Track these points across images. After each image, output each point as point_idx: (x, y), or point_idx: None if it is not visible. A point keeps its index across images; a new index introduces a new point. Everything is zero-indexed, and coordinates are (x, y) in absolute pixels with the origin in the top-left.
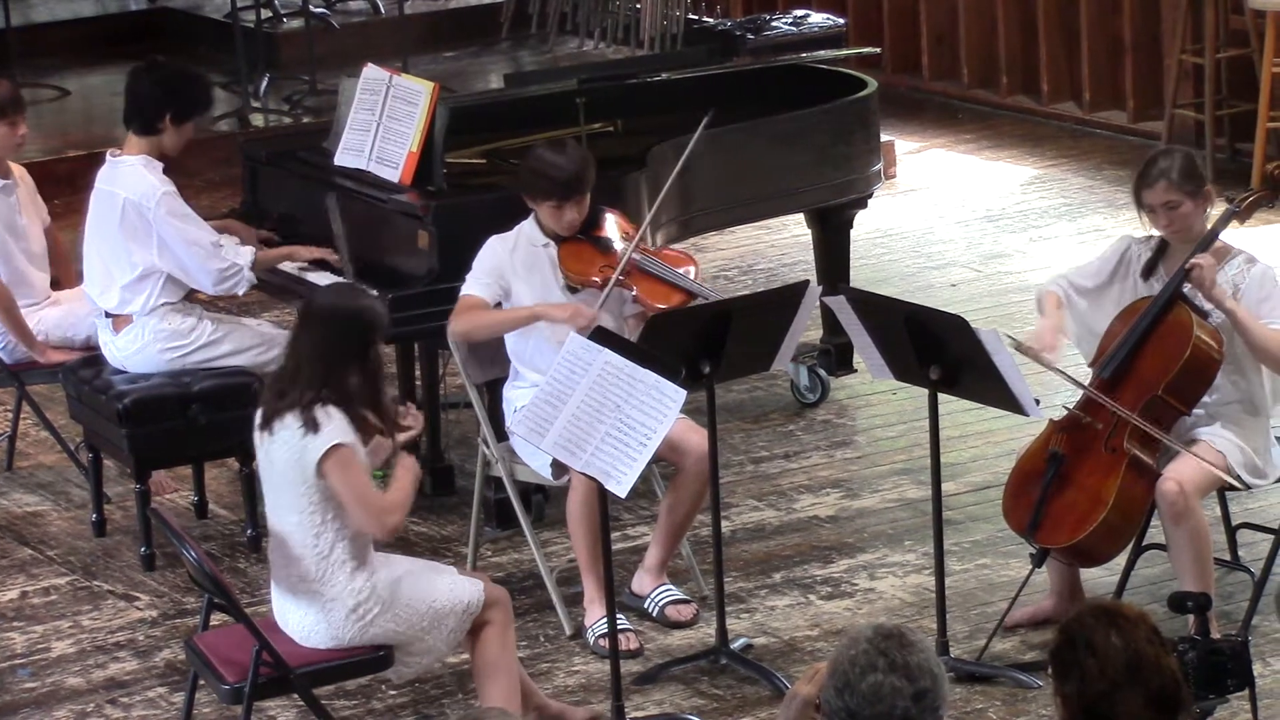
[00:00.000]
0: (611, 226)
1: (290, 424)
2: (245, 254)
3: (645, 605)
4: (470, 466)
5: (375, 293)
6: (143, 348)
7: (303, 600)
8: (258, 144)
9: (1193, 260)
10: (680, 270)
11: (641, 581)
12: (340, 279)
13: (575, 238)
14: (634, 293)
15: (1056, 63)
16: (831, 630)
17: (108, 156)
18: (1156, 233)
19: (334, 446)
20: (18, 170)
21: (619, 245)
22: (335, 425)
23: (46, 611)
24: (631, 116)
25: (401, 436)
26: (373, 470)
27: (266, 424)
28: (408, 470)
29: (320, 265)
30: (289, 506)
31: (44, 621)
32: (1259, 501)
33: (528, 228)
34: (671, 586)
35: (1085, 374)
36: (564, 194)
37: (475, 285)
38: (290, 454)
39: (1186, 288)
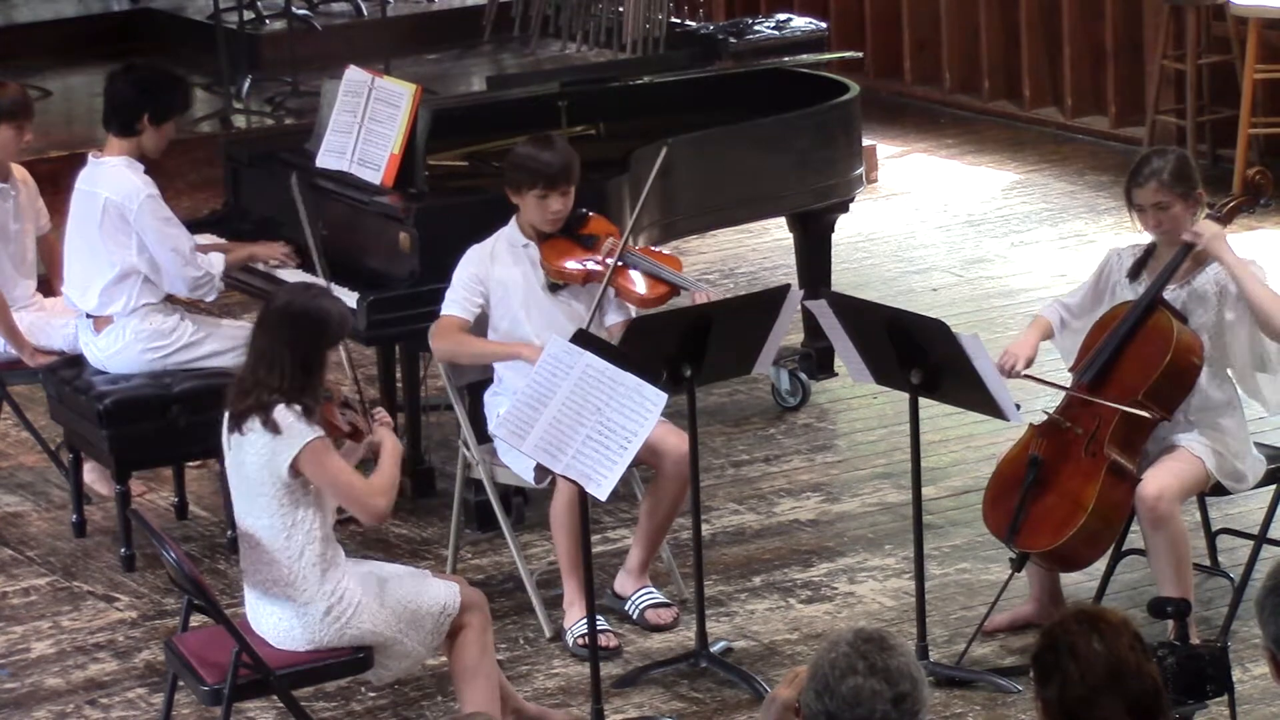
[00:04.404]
0: (593, 226)
1: (257, 426)
2: (216, 262)
3: (626, 607)
4: (451, 469)
5: (335, 292)
6: (124, 348)
7: (277, 603)
8: (240, 145)
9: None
10: (667, 267)
11: (624, 583)
12: (308, 278)
13: (557, 236)
14: (621, 285)
15: (1038, 68)
16: (811, 634)
17: (89, 158)
18: (1141, 240)
19: (306, 444)
20: (20, 174)
21: (601, 243)
22: (301, 424)
23: (26, 612)
24: (614, 119)
25: (378, 438)
26: None
27: (236, 425)
28: (390, 452)
29: (288, 262)
30: (260, 510)
31: (23, 622)
32: (1238, 507)
33: (507, 231)
34: (653, 589)
35: (1066, 378)
36: (549, 183)
37: (453, 305)
38: (260, 457)
39: (1169, 290)
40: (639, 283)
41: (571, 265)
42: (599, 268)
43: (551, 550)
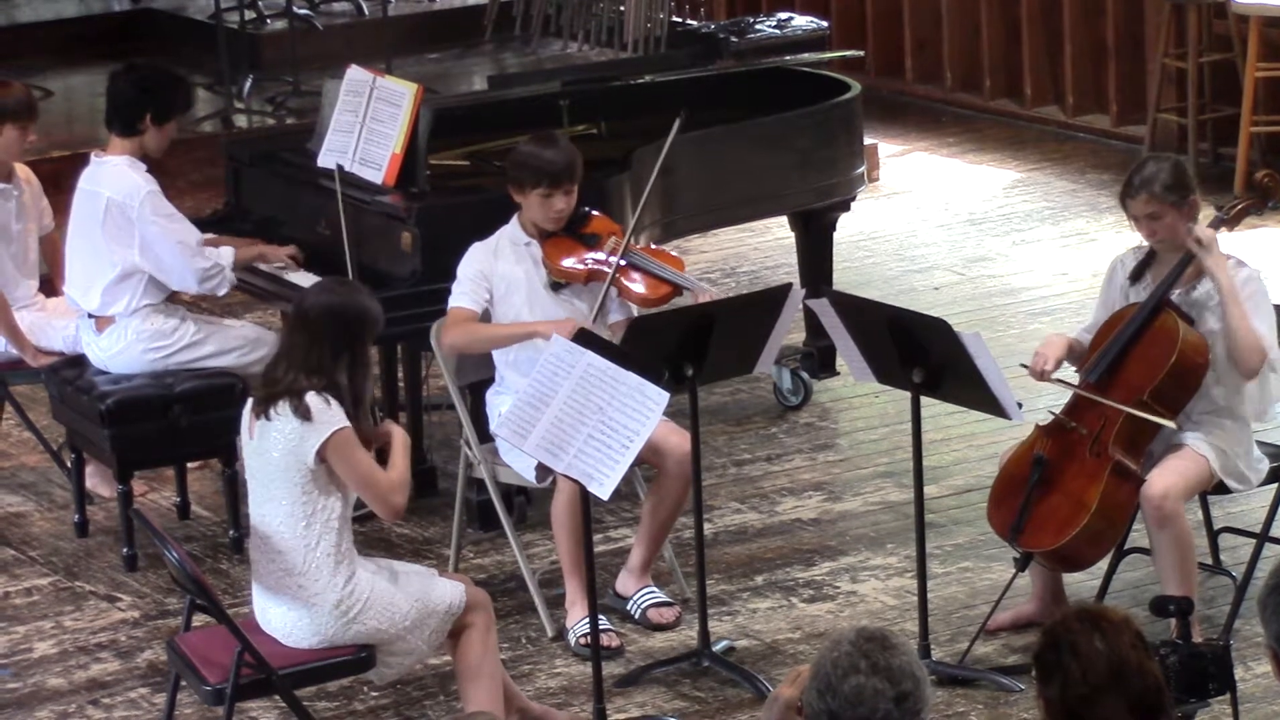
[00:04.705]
0: (596, 225)
1: (285, 411)
2: (226, 254)
3: (628, 607)
4: (452, 468)
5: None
6: (125, 348)
7: (286, 597)
8: (241, 145)
9: (1197, 231)
10: (669, 267)
11: (625, 583)
12: (315, 278)
13: (559, 234)
14: (623, 284)
15: (1039, 66)
16: (813, 633)
17: (91, 157)
18: (1143, 242)
19: (334, 432)
20: (24, 173)
21: (604, 242)
22: (332, 411)
23: (29, 612)
24: (615, 119)
25: (386, 430)
26: None
27: (262, 411)
28: (399, 443)
29: (295, 264)
30: (280, 495)
31: (26, 622)
32: (1240, 505)
33: (509, 230)
34: (655, 589)
35: (1073, 379)
36: (553, 181)
37: (461, 297)
38: (287, 442)
39: (1174, 293)
40: (641, 282)
41: (574, 264)
42: (601, 267)
43: (553, 549)
